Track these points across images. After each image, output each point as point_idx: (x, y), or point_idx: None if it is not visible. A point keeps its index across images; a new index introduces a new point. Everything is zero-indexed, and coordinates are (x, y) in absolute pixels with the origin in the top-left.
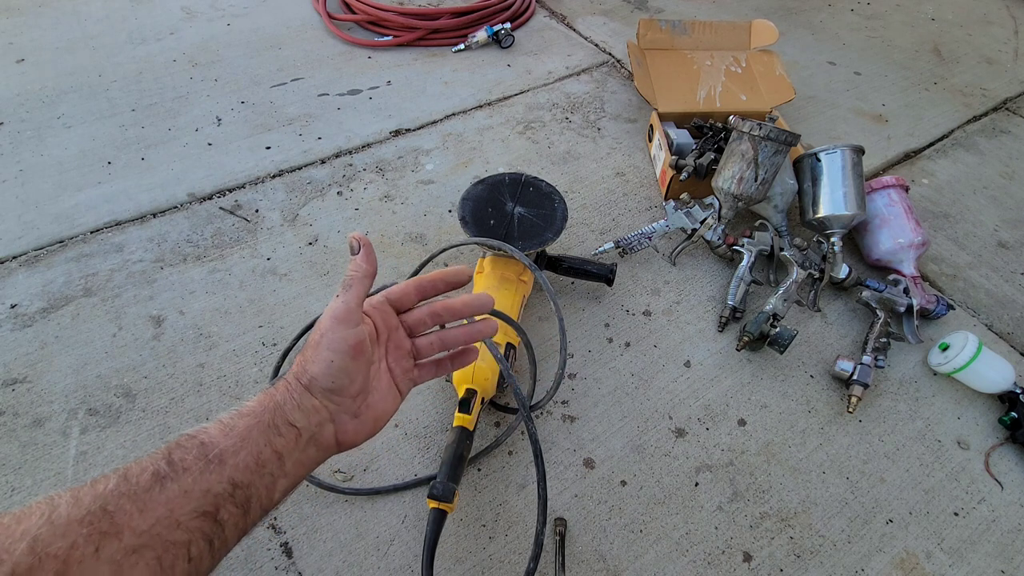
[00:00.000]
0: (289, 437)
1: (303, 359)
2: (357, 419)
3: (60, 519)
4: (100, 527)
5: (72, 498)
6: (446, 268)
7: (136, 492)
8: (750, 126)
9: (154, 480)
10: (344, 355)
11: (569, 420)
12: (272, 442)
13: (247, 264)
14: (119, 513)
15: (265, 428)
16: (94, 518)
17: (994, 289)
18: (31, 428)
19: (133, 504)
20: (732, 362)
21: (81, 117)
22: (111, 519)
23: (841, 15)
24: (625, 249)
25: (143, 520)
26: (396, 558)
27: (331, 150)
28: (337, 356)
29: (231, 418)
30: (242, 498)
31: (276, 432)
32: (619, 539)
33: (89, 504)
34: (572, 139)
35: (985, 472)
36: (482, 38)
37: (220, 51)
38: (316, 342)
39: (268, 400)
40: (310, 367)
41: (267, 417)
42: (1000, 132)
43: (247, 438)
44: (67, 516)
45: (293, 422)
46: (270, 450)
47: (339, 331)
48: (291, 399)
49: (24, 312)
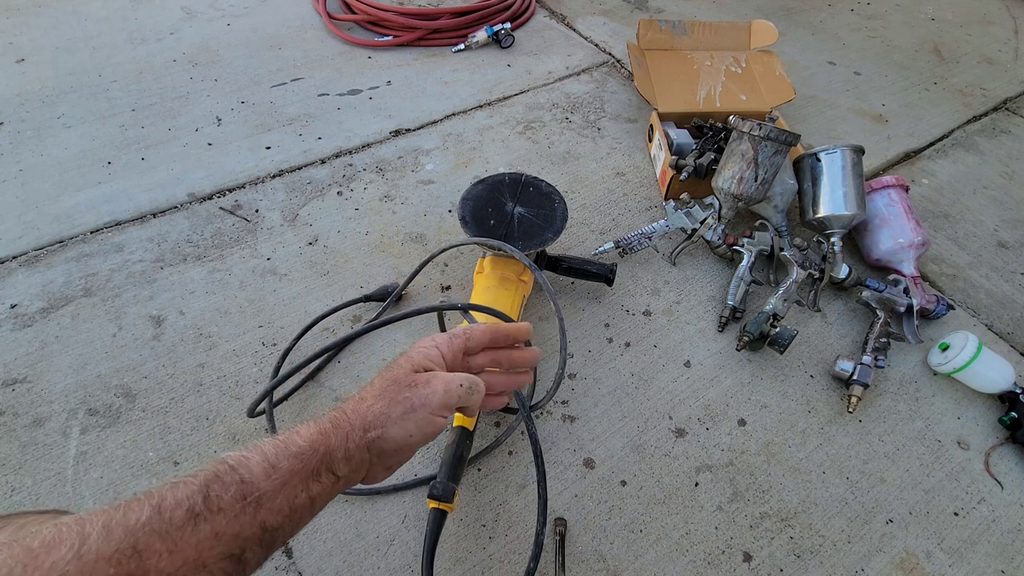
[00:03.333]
0: (327, 484)
1: (384, 412)
2: (388, 471)
3: (89, 555)
4: (128, 567)
5: (103, 529)
6: (518, 325)
7: (168, 531)
8: (750, 126)
9: (188, 518)
10: (425, 439)
11: (569, 420)
12: (309, 488)
13: (247, 264)
14: (148, 553)
15: (307, 475)
16: (123, 557)
17: (994, 289)
18: (31, 428)
19: (163, 543)
20: (732, 362)
21: (81, 117)
22: (140, 559)
23: (841, 15)
24: (625, 249)
25: (171, 562)
26: (396, 558)
27: (331, 150)
28: (419, 436)
29: (276, 456)
30: (269, 540)
31: (316, 479)
32: (619, 539)
33: (120, 540)
34: (572, 139)
35: (985, 472)
36: (482, 38)
37: (220, 51)
38: (412, 406)
39: (321, 443)
40: (388, 427)
41: (313, 463)
42: (1000, 132)
43: (288, 483)
44: (96, 552)
45: (335, 471)
46: (306, 496)
47: (439, 413)
48: (344, 449)
49: (24, 312)
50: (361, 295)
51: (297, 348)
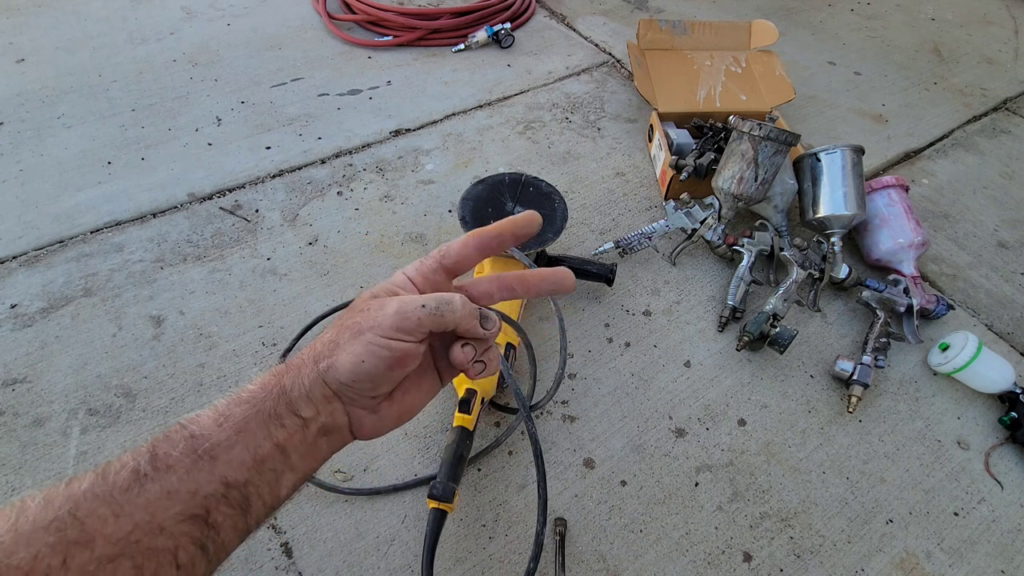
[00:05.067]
0: (293, 428)
1: (332, 339)
2: (376, 415)
3: (26, 525)
4: (68, 535)
5: (43, 500)
6: (512, 217)
7: (112, 494)
8: (750, 126)
9: (133, 480)
10: (380, 363)
11: (569, 420)
12: (273, 435)
13: (247, 264)
14: (91, 518)
15: (265, 418)
16: (62, 524)
17: (994, 289)
18: (31, 428)
19: (108, 508)
20: (732, 362)
21: (81, 117)
22: (81, 525)
23: (841, 15)
24: (625, 249)
25: (119, 526)
26: (396, 558)
27: (331, 150)
28: (371, 361)
29: (227, 405)
30: (238, 498)
31: (278, 423)
32: (619, 539)
33: (58, 508)
34: (572, 139)
35: (985, 472)
36: (482, 38)
37: (220, 51)
38: (359, 329)
39: (273, 383)
40: (337, 354)
41: (268, 405)
42: (1000, 132)
43: (243, 430)
44: (33, 521)
45: (298, 412)
46: (270, 444)
47: (391, 336)
48: (300, 385)
49: (24, 312)
50: None
51: (297, 348)
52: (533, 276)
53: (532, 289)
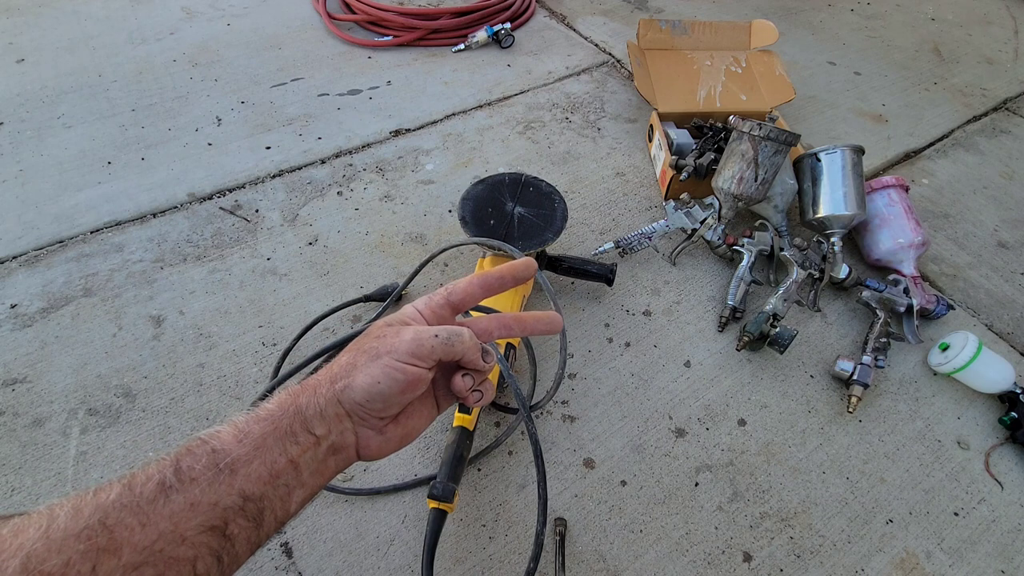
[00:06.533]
0: (306, 445)
1: (350, 362)
2: (382, 435)
3: (57, 533)
4: (98, 543)
5: (72, 509)
6: (513, 261)
7: (139, 504)
8: (750, 126)
9: (159, 491)
10: (394, 385)
11: (569, 420)
12: (288, 451)
13: (247, 264)
14: (119, 527)
15: (282, 435)
16: (92, 532)
17: (994, 289)
18: (31, 428)
19: (135, 518)
20: (732, 362)
21: (81, 117)
22: (110, 534)
23: (841, 15)
24: (625, 249)
25: (145, 535)
26: (396, 558)
27: (331, 150)
28: (387, 383)
29: (247, 422)
30: (254, 511)
31: (293, 440)
32: (619, 539)
33: (88, 517)
34: (572, 139)
35: (985, 472)
36: (482, 38)
37: (220, 51)
38: (377, 353)
39: (290, 403)
40: (354, 375)
41: (285, 423)
42: (1000, 132)
43: (261, 446)
44: (64, 530)
45: (312, 430)
46: (285, 459)
47: (406, 360)
48: (315, 404)
49: (24, 312)
50: (361, 295)
51: (297, 348)
52: (529, 318)
53: (528, 329)
